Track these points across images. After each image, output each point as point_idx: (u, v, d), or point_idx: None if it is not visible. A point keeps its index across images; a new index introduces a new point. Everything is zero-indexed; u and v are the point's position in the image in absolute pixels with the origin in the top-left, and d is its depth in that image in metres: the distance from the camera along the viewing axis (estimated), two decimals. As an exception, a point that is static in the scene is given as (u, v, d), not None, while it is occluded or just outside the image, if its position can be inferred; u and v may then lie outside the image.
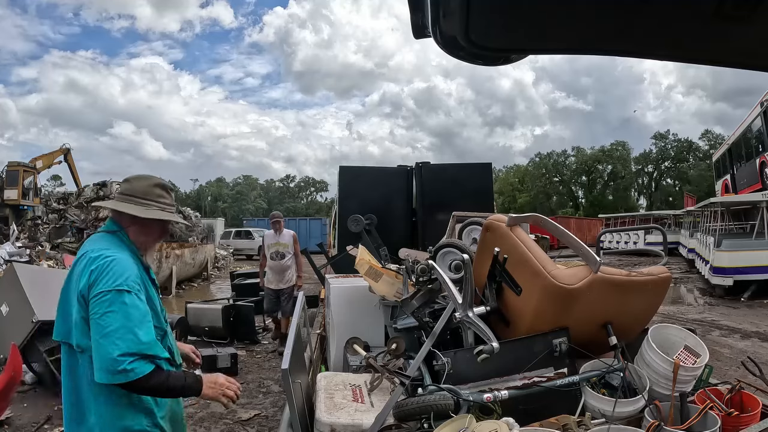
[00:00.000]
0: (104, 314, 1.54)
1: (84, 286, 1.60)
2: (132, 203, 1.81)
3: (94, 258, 1.64)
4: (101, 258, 1.64)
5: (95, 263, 1.62)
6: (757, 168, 14.32)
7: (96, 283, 1.58)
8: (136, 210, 1.79)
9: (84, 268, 1.63)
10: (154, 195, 1.85)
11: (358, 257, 2.96)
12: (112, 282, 1.58)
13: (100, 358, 1.52)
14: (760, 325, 8.22)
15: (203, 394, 1.71)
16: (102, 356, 1.51)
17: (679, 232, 22.31)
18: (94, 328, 1.55)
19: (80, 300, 1.61)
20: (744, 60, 0.76)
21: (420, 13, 0.75)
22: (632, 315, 2.23)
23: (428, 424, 1.70)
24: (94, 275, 1.59)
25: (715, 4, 0.64)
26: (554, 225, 2.31)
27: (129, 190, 1.83)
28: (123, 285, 1.59)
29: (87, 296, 1.59)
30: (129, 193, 1.82)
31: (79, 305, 1.61)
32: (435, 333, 2.13)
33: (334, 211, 6.26)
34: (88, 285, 1.59)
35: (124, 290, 1.58)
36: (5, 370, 3.98)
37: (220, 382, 1.77)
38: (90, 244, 1.75)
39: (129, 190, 1.83)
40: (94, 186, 16.95)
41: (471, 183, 4.85)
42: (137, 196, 1.82)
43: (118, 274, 1.60)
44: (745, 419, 1.80)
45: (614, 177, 56.25)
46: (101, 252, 1.66)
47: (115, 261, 1.63)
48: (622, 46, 0.77)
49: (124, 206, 1.79)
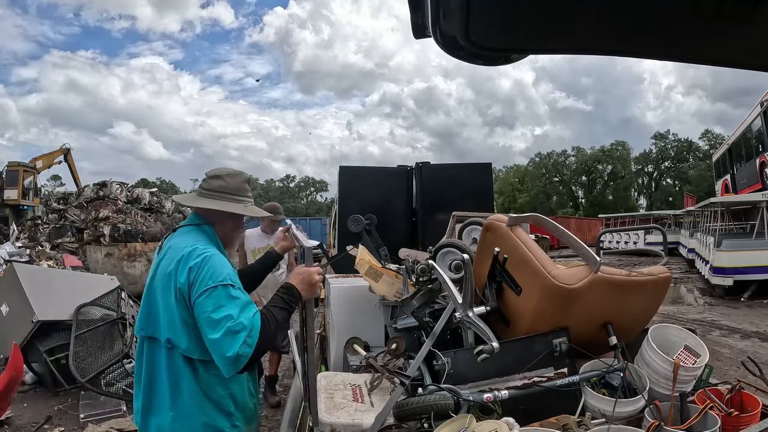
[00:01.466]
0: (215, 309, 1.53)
1: (184, 282, 1.58)
2: (228, 200, 1.79)
3: (190, 253, 1.62)
4: (197, 254, 1.62)
5: (193, 259, 1.60)
6: (757, 168, 14.32)
7: (198, 280, 1.57)
8: (236, 207, 1.79)
9: (180, 264, 1.61)
10: (246, 191, 1.85)
11: (358, 257, 2.96)
12: (217, 277, 1.57)
13: (217, 357, 1.53)
14: (760, 325, 8.22)
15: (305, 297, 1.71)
16: (217, 356, 1.53)
17: (679, 232, 22.30)
18: (202, 325, 1.54)
19: (178, 296, 1.60)
20: (744, 60, 0.76)
21: (420, 13, 0.75)
22: (632, 315, 2.23)
23: (428, 424, 1.70)
24: (194, 272, 1.58)
25: (715, 4, 0.64)
26: (554, 225, 2.31)
27: (223, 188, 1.80)
28: (226, 279, 1.58)
29: (188, 292, 1.58)
30: (224, 190, 1.80)
31: (176, 302, 1.60)
32: (435, 333, 2.13)
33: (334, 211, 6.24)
34: (189, 282, 1.58)
35: (228, 284, 1.58)
36: (6, 370, 3.98)
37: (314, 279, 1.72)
38: (179, 239, 1.72)
39: (223, 188, 1.80)
40: (94, 186, 16.92)
41: (471, 183, 4.84)
42: (233, 193, 1.81)
43: (219, 269, 1.60)
44: (745, 419, 1.80)
45: (614, 177, 56.25)
46: (195, 246, 1.64)
47: (212, 256, 1.62)
48: (622, 46, 0.77)
49: (225, 204, 1.78)
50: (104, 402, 4.57)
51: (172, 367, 1.64)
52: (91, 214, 14.62)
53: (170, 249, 1.69)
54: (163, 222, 14.89)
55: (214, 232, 1.79)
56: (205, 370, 1.66)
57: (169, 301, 1.61)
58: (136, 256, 12.38)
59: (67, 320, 4.90)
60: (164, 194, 19.17)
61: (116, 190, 16.21)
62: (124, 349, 4.81)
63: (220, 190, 1.80)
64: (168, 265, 1.64)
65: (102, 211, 14.50)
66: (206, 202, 1.79)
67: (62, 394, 4.85)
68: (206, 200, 1.80)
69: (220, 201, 1.79)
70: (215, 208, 1.78)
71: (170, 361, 1.64)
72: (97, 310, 5.19)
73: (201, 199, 1.81)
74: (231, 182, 1.82)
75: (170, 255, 1.66)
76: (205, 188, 1.82)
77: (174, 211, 16.77)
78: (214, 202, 1.78)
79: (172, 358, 1.63)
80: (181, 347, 1.61)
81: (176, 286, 1.60)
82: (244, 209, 1.81)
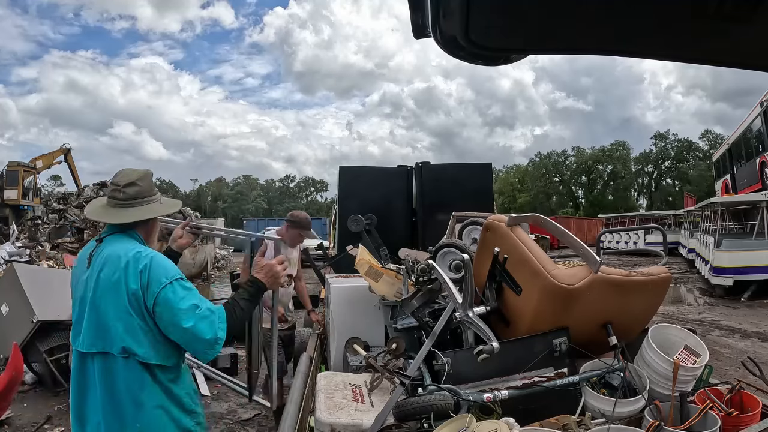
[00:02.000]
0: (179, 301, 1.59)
1: (136, 288, 1.60)
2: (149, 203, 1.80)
3: (135, 257, 1.63)
4: (142, 256, 1.64)
5: (141, 262, 1.62)
6: (757, 168, 14.32)
7: (152, 281, 1.60)
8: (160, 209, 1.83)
9: (128, 270, 1.61)
10: (155, 189, 1.85)
11: (358, 257, 2.96)
12: (168, 273, 1.63)
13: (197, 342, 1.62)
14: (760, 325, 8.22)
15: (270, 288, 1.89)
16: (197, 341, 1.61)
17: (679, 232, 22.30)
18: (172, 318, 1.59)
19: (132, 302, 1.60)
20: (744, 60, 0.76)
21: (420, 12, 0.75)
22: (632, 315, 2.23)
23: (428, 424, 1.70)
24: (146, 274, 1.60)
25: (715, 4, 0.64)
26: (554, 225, 2.31)
27: (140, 193, 1.78)
28: (177, 274, 1.66)
29: (143, 296, 1.60)
30: (142, 195, 1.78)
31: (130, 307, 1.60)
32: (435, 333, 2.13)
33: (334, 211, 6.21)
34: (142, 286, 1.60)
35: (180, 278, 1.65)
36: (6, 370, 3.98)
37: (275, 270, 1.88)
38: (113, 247, 1.69)
39: (140, 193, 1.78)
40: (94, 186, 16.96)
41: (471, 183, 4.84)
42: (149, 194, 1.81)
43: (167, 266, 1.66)
44: (745, 419, 1.80)
45: (614, 177, 56.28)
46: (137, 251, 1.66)
47: (156, 256, 1.67)
48: (622, 46, 0.77)
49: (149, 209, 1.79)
50: (104, 402, 4.57)
51: (130, 379, 1.62)
52: (91, 214, 14.61)
53: (108, 259, 1.66)
54: (163, 222, 14.87)
55: (139, 235, 1.79)
56: (163, 374, 1.67)
57: (120, 308, 1.60)
58: (136, 256, 12.39)
59: (67, 320, 4.89)
60: (164, 194, 19.17)
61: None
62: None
63: (138, 197, 1.77)
64: (112, 273, 1.62)
65: (102, 211, 14.49)
66: (133, 213, 1.76)
67: (62, 394, 4.84)
68: (132, 210, 1.76)
69: (144, 207, 1.78)
70: (146, 217, 1.78)
71: (127, 373, 1.61)
72: (97, 310, 5.19)
73: (125, 211, 1.77)
74: (145, 185, 1.80)
75: (111, 264, 1.64)
76: (123, 198, 1.76)
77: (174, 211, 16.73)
78: (140, 210, 1.77)
79: (129, 369, 1.61)
80: (139, 354, 1.60)
81: (128, 293, 1.60)
82: (165, 208, 1.85)
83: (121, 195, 1.76)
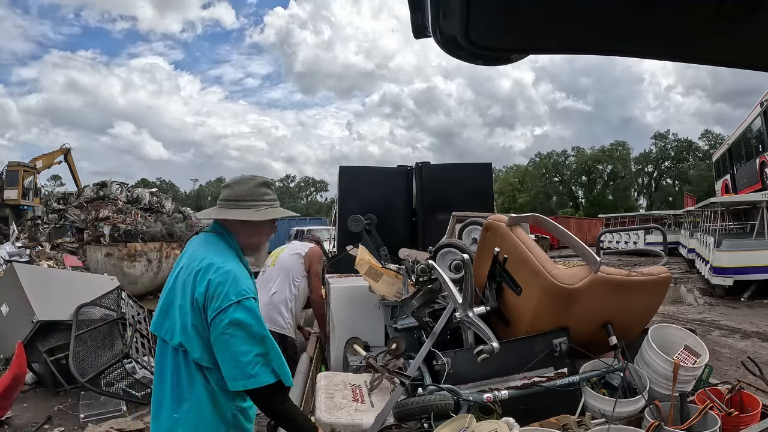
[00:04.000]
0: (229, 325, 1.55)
1: (201, 294, 1.60)
2: (240, 208, 1.77)
3: (208, 266, 1.63)
4: (215, 267, 1.63)
5: (211, 273, 1.61)
6: (757, 168, 14.31)
7: (217, 296, 1.58)
8: (246, 214, 1.76)
9: (199, 276, 1.62)
10: (260, 195, 1.80)
11: (358, 257, 2.96)
12: (235, 293, 1.58)
13: (231, 367, 1.56)
14: (760, 325, 8.22)
15: None
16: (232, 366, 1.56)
17: (679, 232, 22.29)
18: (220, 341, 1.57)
19: (194, 305, 1.61)
20: (744, 60, 0.76)
21: (420, 12, 0.75)
22: (632, 315, 2.23)
23: (428, 424, 1.70)
24: (213, 286, 1.59)
25: (715, 4, 0.64)
26: (554, 225, 2.31)
27: (232, 195, 1.79)
28: (244, 293, 1.60)
29: (205, 305, 1.60)
30: (233, 198, 1.78)
31: (192, 310, 1.61)
32: (435, 333, 2.13)
33: (334, 211, 6.21)
34: (207, 296, 1.59)
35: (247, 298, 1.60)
36: (10, 368, 3.99)
37: None
38: (200, 248, 1.74)
39: (232, 195, 1.79)
40: (94, 186, 16.91)
41: (471, 183, 4.84)
42: (242, 199, 1.78)
43: (238, 284, 1.61)
44: (745, 419, 1.80)
45: (614, 177, 56.23)
46: (213, 261, 1.65)
47: (231, 272, 1.63)
48: (622, 46, 0.77)
49: (233, 213, 1.76)
50: (104, 402, 4.57)
51: (183, 370, 1.64)
52: (91, 214, 14.61)
53: (192, 256, 1.71)
54: (163, 222, 14.88)
55: (234, 241, 1.79)
56: (213, 378, 1.65)
57: (185, 306, 1.63)
58: (136, 256, 12.39)
59: (67, 320, 4.89)
60: (164, 194, 19.16)
61: (116, 190, 16.21)
62: (124, 349, 4.80)
63: (229, 199, 1.79)
64: (188, 273, 1.67)
65: (102, 211, 14.49)
66: (219, 212, 1.80)
67: (62, 394, 4.85)
68: (220, 211, 1.80)
69: (229, 210, 1.78)
70: (226, 217, 1.78)
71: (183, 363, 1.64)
72: (97, 310, 5.19)
73: (215, 211, 1.82)
74: (239, 189, 1.80)
75: (191, 263, 1.68)
76: (220, 199, 1.82)
77: (174, 211, 16.77)
78: (223, 211, 1.79)
79: (187, 362, 1.64)
80: (190, 353, 1.62)
81: (193, 295, 1.61)
82: (253, 214, 1.76)
83: (220, 196, 1.84)
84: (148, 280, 12.63)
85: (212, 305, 1.58)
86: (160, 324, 1.70)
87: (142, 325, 5.44)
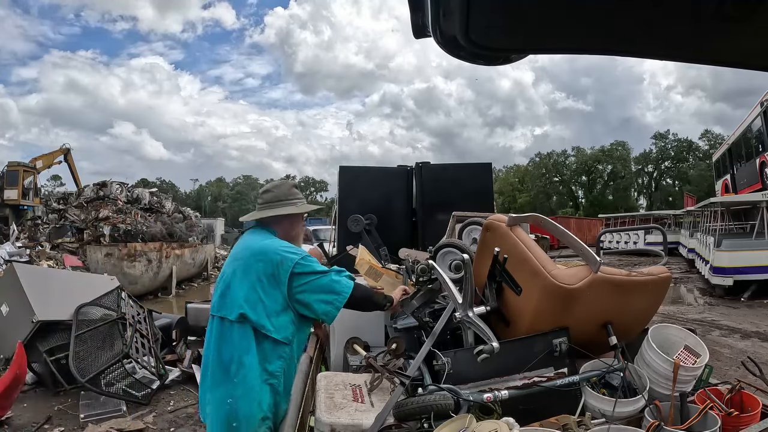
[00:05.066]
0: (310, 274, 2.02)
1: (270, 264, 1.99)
2: (284, 205, 2.19)
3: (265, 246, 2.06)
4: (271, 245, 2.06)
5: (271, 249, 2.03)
6: (757, 168, 14.31)
7: (283, 260, 2.00)
8: (290, 209, 2.19)
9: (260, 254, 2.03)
10: (295, 194, 2.24)
11: (358, 257, 2.96)
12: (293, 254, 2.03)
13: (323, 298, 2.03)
14: (760, 325, 8.22)
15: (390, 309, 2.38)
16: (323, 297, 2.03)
17: (679, 232, 22.29)
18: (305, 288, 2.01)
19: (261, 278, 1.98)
20: (744, 60, 0.76)
21: (420, 12, 0.75)
22: (632, 315, 2.23)
23: (428, 424, 1.70)
24: (277, 256, 2.00)
25: (715, 4, 0.64)
26: (554, 225, 2.31)
27: (276, 197, 2.21)
28: (299, 252, 2.06)
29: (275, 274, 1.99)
30: (277, 199, 2.20)
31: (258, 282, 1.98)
32: (435, 333, 2.13)
33: (334, 211, 6.20)
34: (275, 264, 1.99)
35: (302, 256, 2.04)
36: (11, 368, 3.99)
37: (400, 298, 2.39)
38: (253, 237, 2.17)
39: (276, 197, 2.21)
40: (94, 186, 16.92)
41: (471, 183, 4.83)
42: (286, 198, 2.21)
43: (291, 249, 2.07)
44: (745, 419, 1.80)
45: (614, 177, 56.21)
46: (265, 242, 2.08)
47: (283, 243, 2.09)
48: (622, 46, 0.77)
49: (280, 209, 2.18)
50: (104, 402, 4.57)
51: (239, 341, 1.94)
52: (91, 214, 14.62)
53: (245, 247, 2.12)
54: (163, 222, 14.89)
55: (273, 231, 2.19)
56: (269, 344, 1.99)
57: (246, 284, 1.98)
58: (136, 256, 12.38)
59: (67, 320, 4.89)
60: (164, 194, 19.17)
61: (116, 190, 16.22)
62: (124, 349, 4.81)
63: (273, 200, 2.20)
64: (246, 257, 2.05)
65: (102, 211, 14.51)
66: (265, 212, 2.20)
67: (62, 394, 4.85)
68: (265, 211, 2.20)
69: (275, 208, 2.18)
70: (273, 214, 2.17)
71: (240, 334, 1.95)
72: (97, 310, 5.19)
73: (260, 212, 2.22)
74: (279, 191, 2.23)
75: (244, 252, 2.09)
76: (261, 202, 2.23)
77: (174, 211, 16.78)
78: (270, 210, 2.18)
79: (242, 331, 1.95)
80: (252, 319, 1.94)
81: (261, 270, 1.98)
82: (295, 209, 2.21)
83: (260, 200, 2.25)
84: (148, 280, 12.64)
85: (282, 268, 1.98)
86: (221, 305, 2.02)
87: (142, 325, 5.45)
